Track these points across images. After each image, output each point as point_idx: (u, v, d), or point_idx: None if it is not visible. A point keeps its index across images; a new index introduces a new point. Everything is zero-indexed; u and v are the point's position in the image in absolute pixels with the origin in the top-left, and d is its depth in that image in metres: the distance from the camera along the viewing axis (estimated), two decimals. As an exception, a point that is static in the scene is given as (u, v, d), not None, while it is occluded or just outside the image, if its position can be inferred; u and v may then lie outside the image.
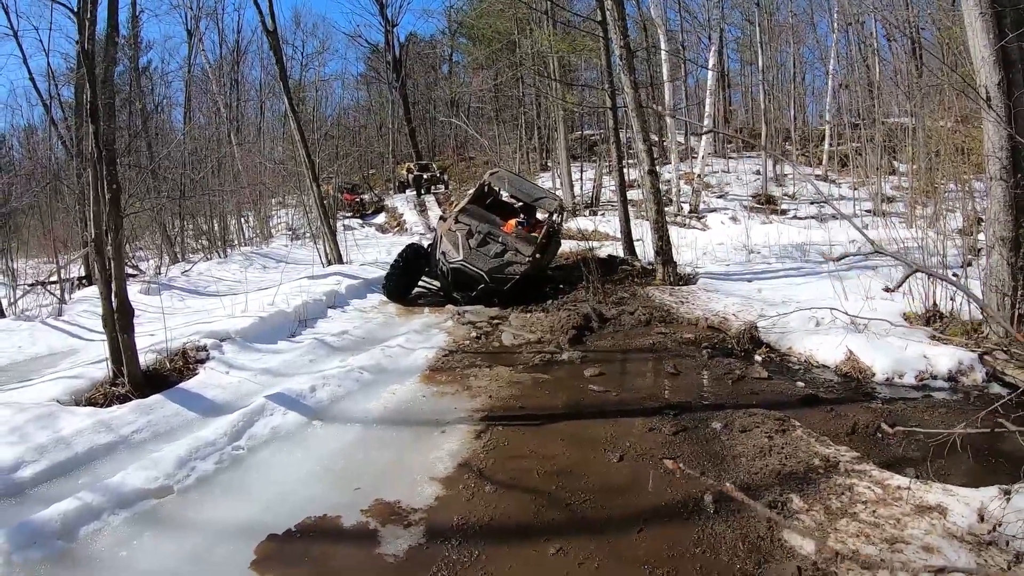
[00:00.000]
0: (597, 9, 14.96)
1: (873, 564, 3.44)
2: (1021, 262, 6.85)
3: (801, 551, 3.66)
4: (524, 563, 3.76)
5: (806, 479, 4.43)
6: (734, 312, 9.26)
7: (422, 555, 3.85)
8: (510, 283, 11.15)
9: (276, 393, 6.33)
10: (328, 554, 3.90)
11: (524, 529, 4.12)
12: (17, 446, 5.08)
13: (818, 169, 27.13)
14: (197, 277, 15.98)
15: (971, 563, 3.38)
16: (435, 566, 3.70)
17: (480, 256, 11.31)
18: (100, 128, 6.22)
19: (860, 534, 3.71)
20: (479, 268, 11.10)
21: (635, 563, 3.69)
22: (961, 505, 3.85)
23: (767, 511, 4.04)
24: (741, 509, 4.15)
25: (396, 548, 3.91)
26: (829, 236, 15.12)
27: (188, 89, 34.74)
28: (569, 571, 3.64)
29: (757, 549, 3.74)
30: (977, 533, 3.61)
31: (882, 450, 4.93)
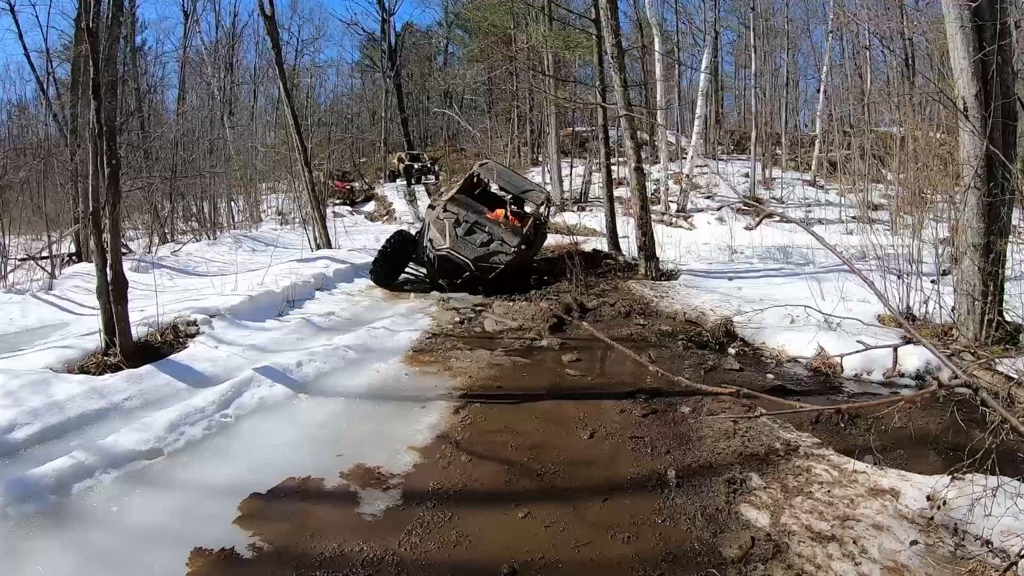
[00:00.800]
0: (592, 7, 15.13)
1: (824, 537, 3.67)
2: (990, 268, 7.07)
3: (756, 523, 3.90)
4: (495, 524, 3.98)
5: (766, 460, 4.65)
6: (712, 307, 9.47)
7: (399, 515, 4.07)
8: (495, 272, 11.32)
9: (264, 367, 6.53)
10: (309, 512, 4.12)
11: (496, 495, 4.36)
12: (10, 409, 5.24)
13: (807, 174, 27.40)
14: (186, 257, 16.12)
15: (919, 541, 3.60)
16: (411, 525, 3.93)
17: (466, 244, 11.39)
18: (102, 105, 6.38)
19: (814, 511, 3.94)
20: (465, 256, 11.21)
21: (599, 527, 3.93)
22: (914, 490, 4.06)
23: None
24: (702, 484, 4.39)
25: (374, 508, 4.14)
26: (810, 239, 15.39)
27: (183, 70, 34.69)
28: (536, 532, 3.87)
29: (715, 520, 3.98)
30: (927, 515, 3.83)
31: (843, 439, 5.15)
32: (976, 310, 7.22)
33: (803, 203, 22.74)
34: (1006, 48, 7.20)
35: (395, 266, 12.46)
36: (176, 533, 3.82)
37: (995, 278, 7.10)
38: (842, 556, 3.51)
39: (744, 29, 30.94)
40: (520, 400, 6.21)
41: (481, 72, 35.76)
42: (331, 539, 3.76)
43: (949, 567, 3.36)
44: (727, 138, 35.00)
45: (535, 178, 29.65)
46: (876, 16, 23.33)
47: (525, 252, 12.20)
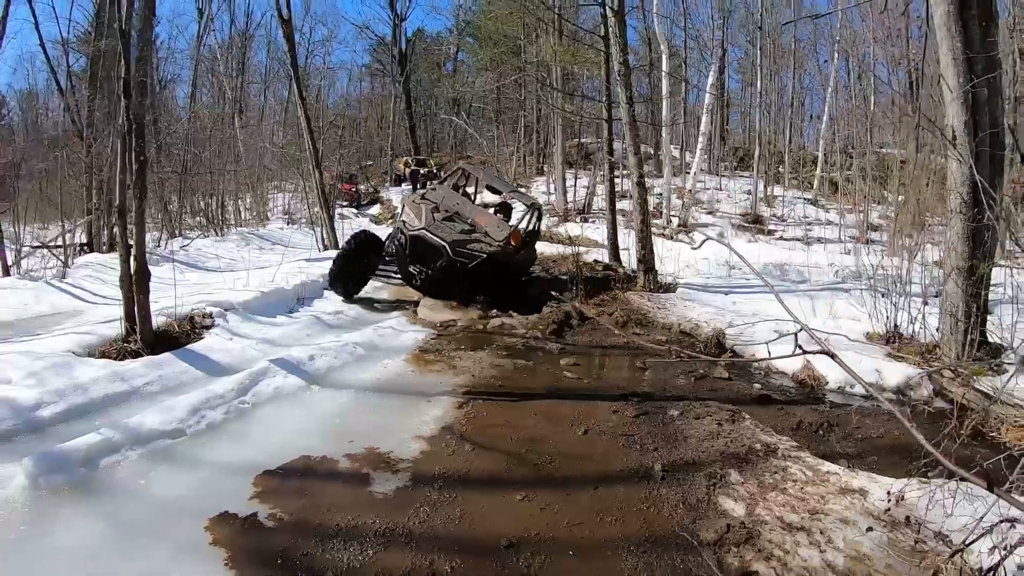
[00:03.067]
0: (601, 24, 15.43)
1: (793, 527, 4.01)
2: (973, 290, 7.38)
3: (733, 513, 4.24)
4: (494, 505, 4.33)
5: (746, 459, 4.99)
6: (706, 320, 9.75)
7: (407, 494, 4.42)
8: (475, 263, 10.31)
9: (278, 359, 6.87)
10: (324, 490, 4.46)
11: (496, 480, 4.71)
12: (36, 388, 5.57)
13: (808, 193, 27.74)
14: (195, 252, 16.38)
15: (883, 538, 3.92)
16: (418, 503, 4.28)
17: (444, 228, 10.57)
18: (132, 103, 6.73)
19: (786, 504, 4.27)
20: (441, 238, 10.28)
21: (589, 511, 4.27)
22: (882, 491, 4.36)
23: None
24: (685, 477, 4.73)
25: (385, 488, 4.49)
26: (807, 258, 15.73)
27: (196, 68, 35.03)
28: (532, 513, 4.22)
29: (695, 509, 4.33)
30: (893, 514, 4.15)
31: (821, 444, 5.49)
32: (959, 330, 7.48)
33: (803, 221, 23.02)
34: (996, 80, 7.53)
35: (357, 270, 11.08)
36: (199, 505, 4.15)
37: (978, 300, 7.38)
38: (809, 544, 3.85)
39: (751, 47, 31.26)
40: (520, 398, 6.54)
41: (490, 81, 36.04)
42: (345, 513, 4.10)
43: (907, 557, 3.69)
44: (731, 155, 35.35)
45: (539, 188, 30.02)
46: (882, 39, 23.67)
47: (512, 252, 11.07)
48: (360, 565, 3.61)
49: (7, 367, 5.93)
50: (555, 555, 3.78)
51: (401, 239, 10.83)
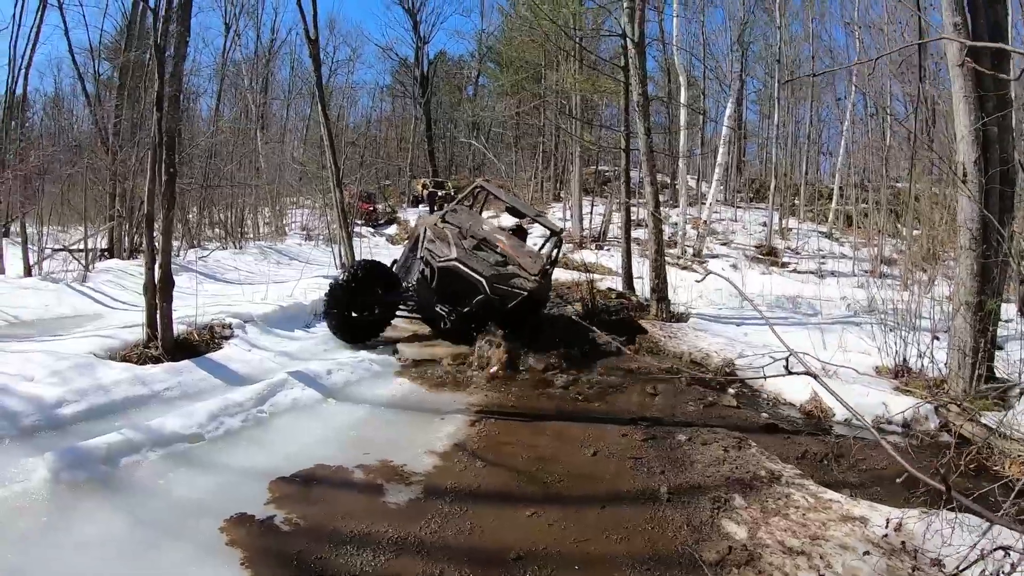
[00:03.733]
0: (621, 55, 15.59)
1: (794, 551, 4.10)
2: (981, 325, 7.45)
3: (735, 536, 4.33)
4: (504, 520, 4.45)
5: (751, 485, 5.08)
6: (716, 350, 9.84)
7: (420, 506, 4.55)
8: (514, 301, 8.94)
9: (296, 371, 7.04)
10: (338, 498, 4.60)
11: (506, 496, 4.83)
12: (59, 387, 5.74)
13: (823, 226, 27.80)
14: (214, 264, 16.57)
15: (881, 563, 4.01)
16: (430, 515, 4.41)
17: (478, 260, 9.09)
18: (165, 117, 6.94)
19: (788, 529, 4.37)
20: (479, 273, 8.77)
21: (596, 529, 4.38)
22: (882, 519, 4.46)
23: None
24: (690, 500, 4.83)
25: (398, 499, 4.62)
26: (820, 291, 15.78)
27: (221, 82, 35.47)
28: (541, 529, 4.33)
29: (698, 530, 4.42)
30: (892, 542, 4.24)
31: (825, 473, 5.56)
32: (967, 365, 7.55)
33: (817, 254, 23.06)
34: (1007, 117, 7.65)
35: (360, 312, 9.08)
36: (216, 506, 4.28)
37: (985, 335, 7.46)
38: (808, 568, 3.93)
39: (769, 79, 31.43)
40: (531, 419, 6.67)
41: (510, 106, 36.35)
42: (359, 520, 4.23)
43: (903, 583, 3.78)
44: (747, 186, 35.47)
45: (556, 214, 30.18)
46: (900, 73, 23.80)
47: (544, 286, 10.04)
48: (372, 571, 3.72)
49: (31, 365, 6.09)
50: (561, 569, 3.88)
51: (425, 271, 9.17)
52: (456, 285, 8.87)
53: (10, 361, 6.21)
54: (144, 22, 19.87)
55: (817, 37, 32.18)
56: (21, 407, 5.30)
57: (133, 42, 20.17)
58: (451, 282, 8.90)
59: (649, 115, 13.26)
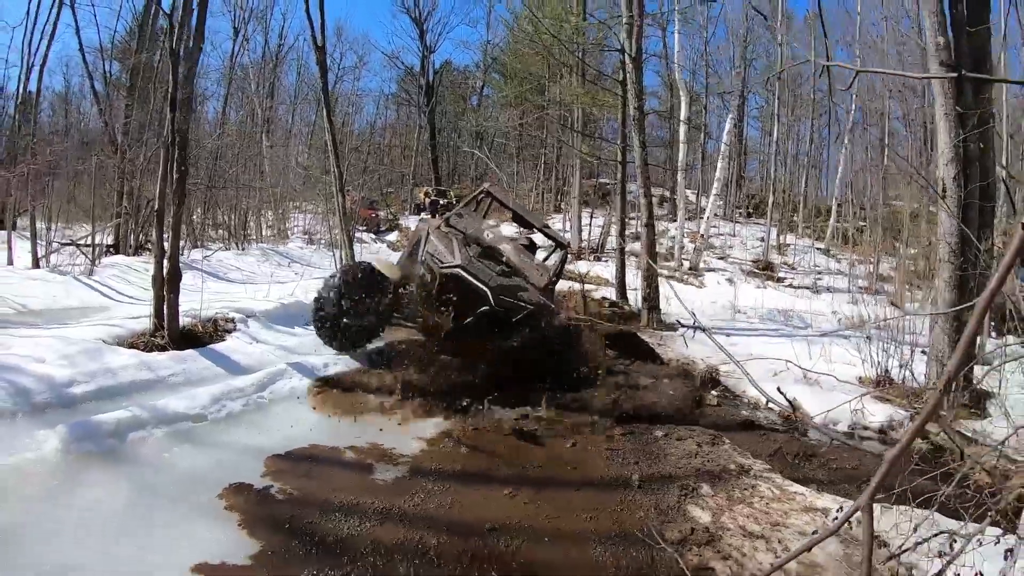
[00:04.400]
0: (620, 69, 15.83)
1: (753, 535, 4.42)
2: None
3: (699, 519, 4.67)
4: (484, 497, 4.81)
5: (720, 476, 5.43)
6: (703, 358, 10.12)
7: (405, 483, 4.93)
8: (520, 314, 8.13)
9: (295, 363, 7.38)
10: (329, 473, 4.97)
11: (486, 477, 5.19)
12: (68, 369, 6.05)
13: (821, 243, 28.05)
14: (217, 263, 16.79)
15: (837, 550, 4.30)
16: (414, 490, 4.78)
17: (483, 268, 8.39)
18: (177, 118, 7.27)
19: (750, 516, 4.68)
20: (484, 282, 8.01)
21: (568, 509, 4.74)
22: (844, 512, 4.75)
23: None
24: (660, 487, 5.14)
25: (385, 476, 5.00)
26: (812, 305, 16.06)
27: (229, 86, 35.77)
28: (516, 506, 4.70)
29: (664, 513, 4.77)
30: (853, 533, 4.52)
31: (794, 469, 5.88)
32: (944, 374, 7.83)
33: (813, 270, 23.31)
34: (988, 134, 7.96)
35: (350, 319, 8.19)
36: (216, 477, 4.65)
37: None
38: (766, 550, 4.25)
39: (771, 95, 31.70)
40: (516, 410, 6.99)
41: (513, 117, 36.60)
42: (348, 493, 4.60)
43: (855, 568, 4.06)
44: (747, 202, 35.76)
45: (556, 225, 30.41)
46: (898, 91, 24.14)
47: (549, 300, 9.17)
48: (357, 535, 4.07)
49: (41, 349, 6.39)
50: (532, 540, 4.25)
51: (427, 276, 8.50)
52: (458, 293, 8.09)
53: (21, 345, 6.53)
54: (155, 24, 20.25)
55: (818, 55, 32.56)
56: (33, 385, 5.60)
57: (144, 44, 20.50)
58: (453, 290, 8.11)
59: (644, 129, 13.56)
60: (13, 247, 14.68)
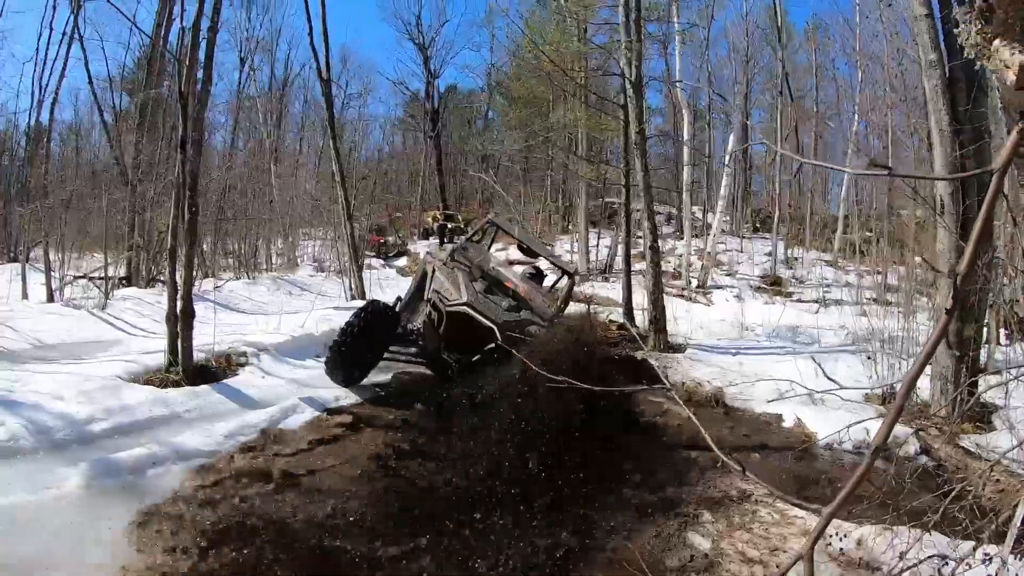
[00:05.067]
0: (621, 92, 15.90)
1: (753, 561, 4.54)
2: (960, 351, 7.80)
3: (699, 546, 4.79)
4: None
5: (720, 502, 5.56)
6: (708, 379, 10.17)
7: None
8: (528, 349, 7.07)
9: (307, 397, 7.59)
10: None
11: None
12: (87, 406, 6.29)
13: (827, 255, 28.03)
14: (228, 294, 16.97)
15: (835, 572, 4.39)
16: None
17: (490, 304, 8.39)
18: (188, 158, 7.48)
19: (750, 542, 4.80)
20: (491, 318, 8.00)
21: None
22: (842, 534, 4.84)
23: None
24: (660, 515, 5.28)
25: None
26: (817, 320, 16.09)
27: (237, 116, 36.02)
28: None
29: (666, 541, 4.83)
30: (851, 555, 4.61)
31: (796, 493, 5.93)
32: (948, 391, 7.91)
33: (822, 283, 23.24)
34: (984, 148, 8.04)
35: (366, 354, 8.35)
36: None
37: (965, 361, 7.81)
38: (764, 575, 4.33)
39: (774, 110, 31.76)
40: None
41: (518, 141, 36.76)
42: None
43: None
44: (753, 216, 35.78)
45: (564, 246, 30.55)
46: (902, 101, 24.17)
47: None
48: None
49: (60, 386, 6.63)
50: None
51: (434, 315, 8.50)
52: (465, 331, 8.17)
53: (41, 382, 6.77)
54: (163, 59, 20.56)
55: (821, 68, 32.75)
56: (53, 423, 5.81)
57: (152, 79, 20.80)
58: (460, 327, 8.19)
59: (646, 152, 13.65)
60: (27, 280, 14.88)
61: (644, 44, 14.71)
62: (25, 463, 5.16)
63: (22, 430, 5.54)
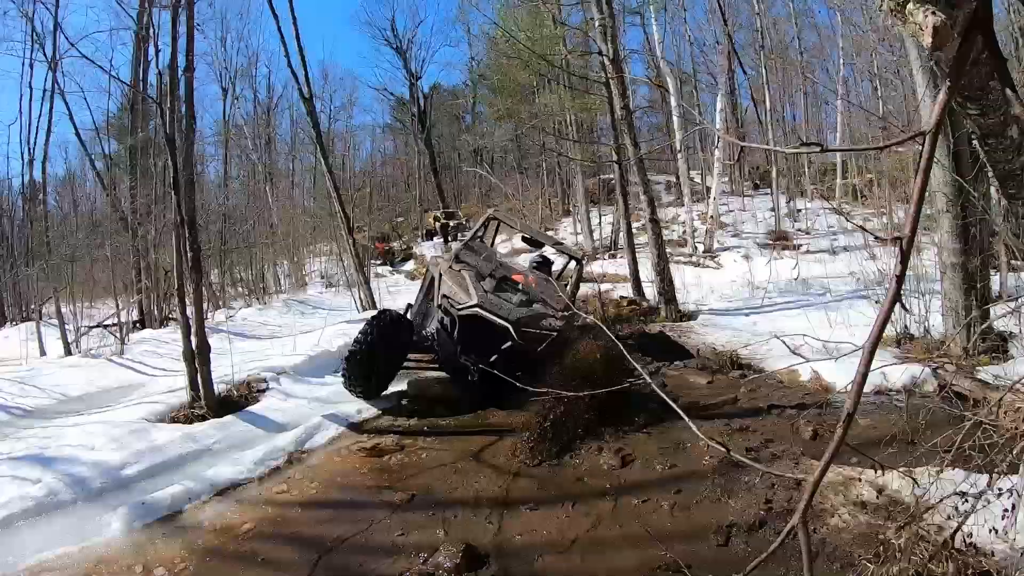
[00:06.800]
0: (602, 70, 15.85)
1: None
2: (969, 284, 7.84)
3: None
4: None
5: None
6: (724, 343, 10.27)
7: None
8: (544, 343, 7.37)
9: (330, 414, 7.74)
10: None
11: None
12: (119, 452, 6.46)
13: (832, 202, 27.91)
14: (241, 322, 17.15)
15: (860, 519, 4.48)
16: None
17: (502, 303, 8.25)
18: (182, 199, 7.59)
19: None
20: (504, 317, 7.95)
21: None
22: (864, 483, 4.93)
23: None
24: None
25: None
26: (829, 268, 16.09)
27: (227, 145, 35.98)
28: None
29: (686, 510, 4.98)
30: (874, 500, 4.69)
31: (813, 446, 6.04)
32: (961, 324, 7.95)
33: (829, 231, 23.10)
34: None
35: (383, 365, 8.27)
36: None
37: (974, 293, 7.84)
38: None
39: (757, 64, 31.61)
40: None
41: (508, 132, 36.74)
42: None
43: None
44: (753, 173, 35.66)
45: (566, 228, 30.59)
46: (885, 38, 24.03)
47: (572, 320, 8.58)
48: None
49: (90, 436, 6.85)
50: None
51: (446, 321, 8.41)
52: (480, 333, 8.04)
53: (72, 434, 7.01)
54: (145, 101, 20.68)
55: (800, 16, 32.62)
56: (88, 472, 5.99)
57: (137, 122, 20.92)
58: (474, 330, 8.08)
59: (633, 126, 13.74)
60: (42, 337, 15.07)
61: (618, 18, 14.69)
62: (67, 515, 5.33)
63: (59, 484, 5.69)
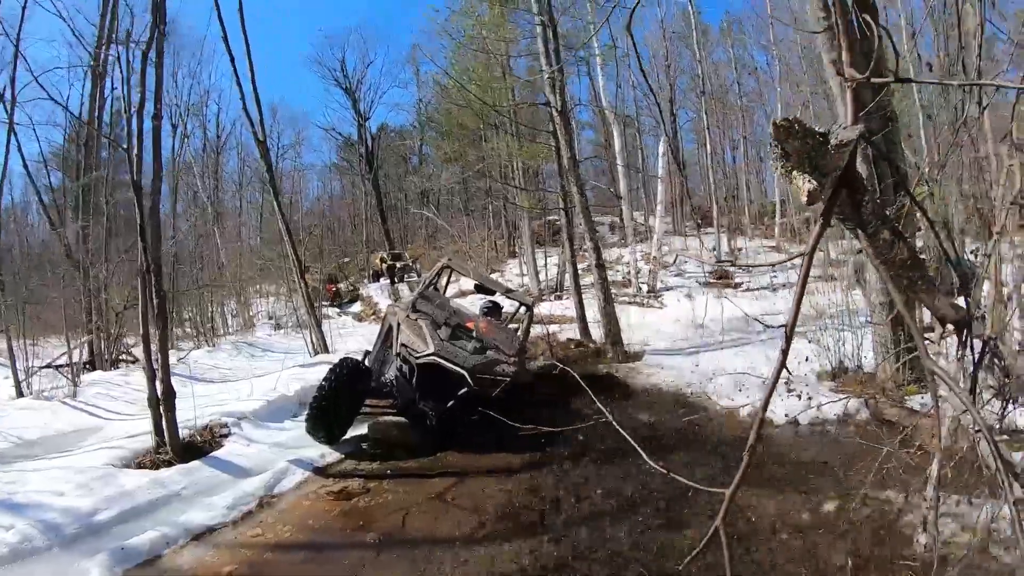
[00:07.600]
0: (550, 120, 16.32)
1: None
2: (893, 321, 8.39)
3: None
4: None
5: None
6: (667, 383, 10.77)
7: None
8: (499, 388, 8.64)
9: (294, 458, 8.03)
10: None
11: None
12: (88, 497, 6.55)
13: (771, 240, 28.84)
14: (193, 365, 16.98)
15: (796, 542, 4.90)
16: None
17: (457, 350, 8.77)
18: (148, 245, 7.82)
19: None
20: (460, 364, 8.48)
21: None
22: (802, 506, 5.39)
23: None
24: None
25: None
26: (770, 306, 16.73)
27: (176, 182, 35.62)
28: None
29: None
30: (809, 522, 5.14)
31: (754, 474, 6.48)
32: (891, 358, 8.54)
33: (768, 270, 23.73)
34: (893, 129, 8.56)
35: (343, 411, 8.60)
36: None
37: (903, 327, 8.39)
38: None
39: (700, 109, 32.66)
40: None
41: (455, 175, 37.12)
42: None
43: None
44: (694, 213, 36.67)
45: (512, 270, 30.98)
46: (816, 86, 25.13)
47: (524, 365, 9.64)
48: None
49: (56, 481, 6.92)
50: None
51: (404, 368, 8.97)
52: (437, 380, 8.60)
53: (36, 479, 7.08)
54: (99, 140, 20.60)
55: (739, 65, 33.96)
56: (61, 519, 6.08)
57: (91, 158, 20.74)
58: (432, 377, 8.63)
59: (579, 175, 14.21)
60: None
61: (565, 71, 15.25)
62: (44, 562, 5.46)
63: (32, 530, 5.80)
